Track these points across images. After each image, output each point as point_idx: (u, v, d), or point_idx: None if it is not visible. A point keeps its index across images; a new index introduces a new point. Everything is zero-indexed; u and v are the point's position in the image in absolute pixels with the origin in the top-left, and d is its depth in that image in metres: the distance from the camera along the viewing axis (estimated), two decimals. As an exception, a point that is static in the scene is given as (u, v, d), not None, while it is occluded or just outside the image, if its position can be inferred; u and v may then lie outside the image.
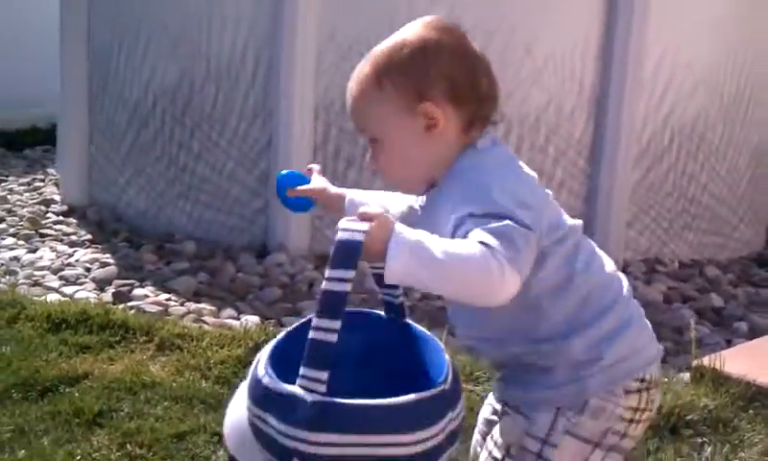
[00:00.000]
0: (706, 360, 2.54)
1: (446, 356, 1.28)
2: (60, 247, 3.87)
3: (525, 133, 3.86)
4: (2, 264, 3.55)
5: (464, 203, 1.28)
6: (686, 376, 2.59)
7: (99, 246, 3.89)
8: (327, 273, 1.14)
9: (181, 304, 3.17)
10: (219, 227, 4.04)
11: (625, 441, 1.39)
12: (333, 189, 1.61)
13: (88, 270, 3.54)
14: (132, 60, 4.25)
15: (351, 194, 1.60)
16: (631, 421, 1.38)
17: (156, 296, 3.23)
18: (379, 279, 1.28)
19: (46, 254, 3.72)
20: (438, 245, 1.19)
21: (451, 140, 1.39)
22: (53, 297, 3.15)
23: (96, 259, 3.66)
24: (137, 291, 3.28)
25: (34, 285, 3.32)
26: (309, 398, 1.13)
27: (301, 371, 1.15)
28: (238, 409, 1.29)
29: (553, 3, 3.87)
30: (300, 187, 1.58)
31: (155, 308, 3.08)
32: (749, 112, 4.31)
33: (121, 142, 4.35)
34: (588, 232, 3.96)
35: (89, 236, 4.03)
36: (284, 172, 1.62)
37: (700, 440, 2.23)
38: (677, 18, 3.97)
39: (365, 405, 1.14)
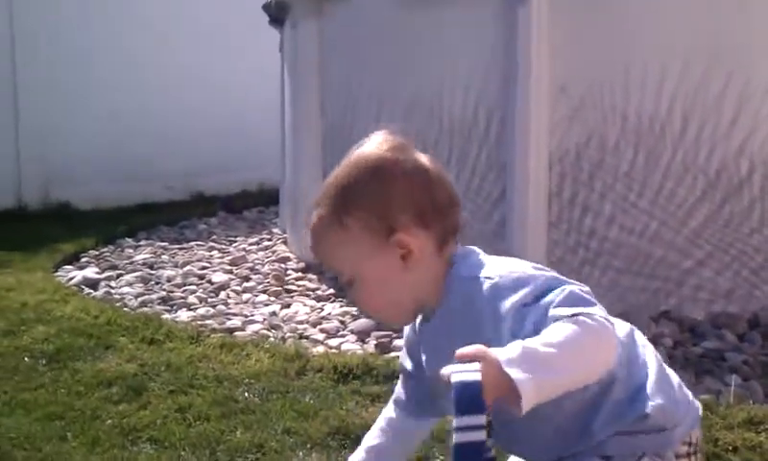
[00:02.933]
0: None
1: None
2: (309, 301, 4.08)
3: (771, 173, 3.76)
4: (264, 319, 3.78)
5: (507, 303, 1.24)
6: None
7: (343, 300, 4.07)
8: (456, 422, 1.04)
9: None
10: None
11: None
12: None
13: (343, 323, 3.71)
14: (364, 126, 4.43)
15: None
16: None
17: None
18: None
19: (300, 309, 3.94)
20: (540, 345, 1.13)
21: (430, 262, 1.34)
22: (321, 349, 3.33)
23: (347, 312, 3.84)
24: (397, 342, 3.41)
25: (300, 339, 3.51)
26: None
27: None
28: None
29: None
30: None
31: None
32: None
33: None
34: None
35: (332, 291, 4.23)
36: None
37: None
38: None
39: None
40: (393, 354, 3.25)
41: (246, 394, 2.75)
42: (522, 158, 3.88)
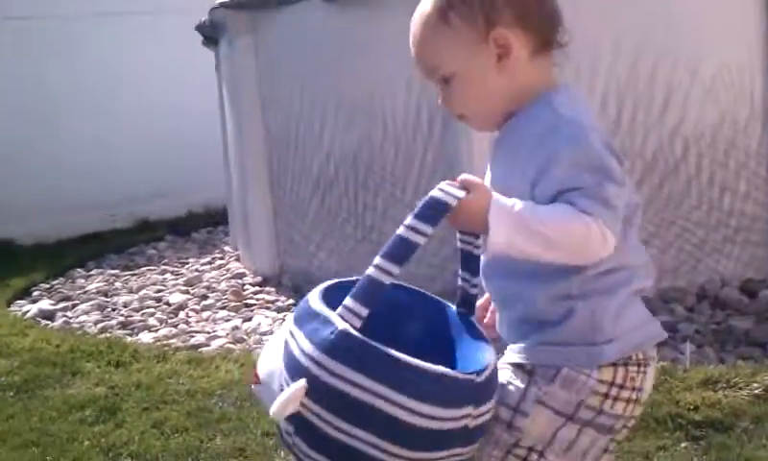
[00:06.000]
0: None
1: (492, 360, 1.24)
2: (270, 313, 4.12)
3: (704, 150, 3.92)
4: (227, 333, 3.81)
5: (550, 155, 1.23)
6: None
7: (304, 309, 4.11)
8: (407, 221, 1.15)
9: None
10: (410, 278, 4.22)
11: (602, 417, 1.30)
12: None
13: (306, 331, 3.76)
14: (309, 136, 4.53)
15: None
16: (605, 395, 1.29)
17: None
18: (466, 258, 1.30)
19: (263, 321, 3.97)
20: (538, 215, 1.19)
21: (525, 66, 1.32)
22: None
23: (309, 321, 3.88)
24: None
25: (266, 349, 3.54)
26: (340, 325, 1.14)
27: (345, 301, 1.15)
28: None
29: (713, 25, 3.94)
30: None
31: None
32: None
33: (307, 211, 4.62)
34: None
35: (291, 301, 4.27)
36: None
37: None
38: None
39: (388, 354, 1.12)
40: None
41: (220, 404, 2.78)
42: (467, 156, 3.97)
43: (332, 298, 1.22)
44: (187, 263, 5.58)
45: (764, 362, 2.81)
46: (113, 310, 4.46)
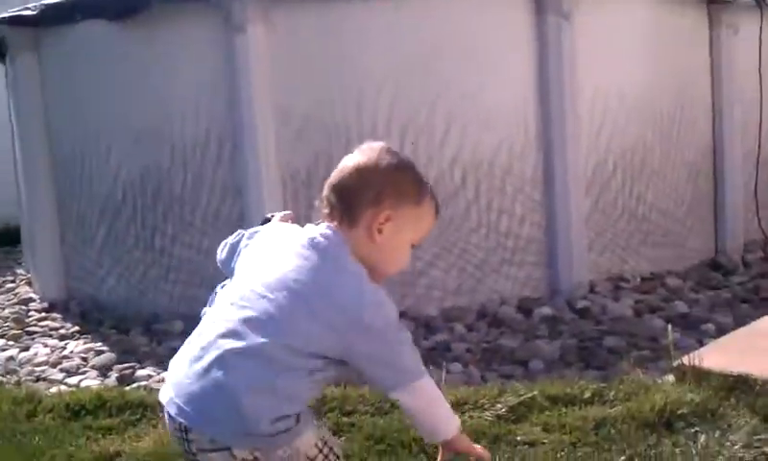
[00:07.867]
0: (685, 360, 2.78)
1: None
2: (51, 342, 3.96)
3: (482, 177, 4.10)
4: (-1, 365, 3.64)
5: None
6: (670, 377, 2.81)
7: (89, 336, 3.99)
8: None
9: (186, 379, 3.29)
10: (201, 303, 4.16)
11: None
12: None
13: (85, 359, 3.65)
14: (96, 158, 4.40)
15: None
16: None
17: (159, 374, 3.35)
18: None
19: (40, 350, 3.82)
20: None
21: None
22: (59, 388, 3.26)
23: (90, 349, 3.77)
24: (140, 372, 3.41)
25: (37, 381, 3.41)
26: None
27: None
28: None
29: (491, 59, 4.13)
30: None
31: (161, 385, 3.19)
32: (681, 134, 4.66)
33: (95, 236, 4.47)
34: (553, 260, 4.19)
35: (77, 328, 4.13)
36: None
37: (693, 430, 2.45)
38: (603, 58, 4.29)
39: None
40: (134, 385, 3.27)
41: (-33, 445, 2.64)
42: (255, 181, 3.95)
43: None
44: (-25, 287, 5.28)
45: (517, 381, 2.96)
46: None
